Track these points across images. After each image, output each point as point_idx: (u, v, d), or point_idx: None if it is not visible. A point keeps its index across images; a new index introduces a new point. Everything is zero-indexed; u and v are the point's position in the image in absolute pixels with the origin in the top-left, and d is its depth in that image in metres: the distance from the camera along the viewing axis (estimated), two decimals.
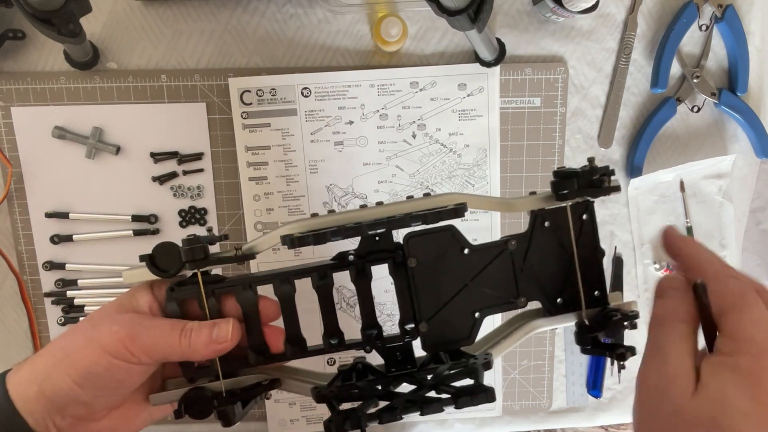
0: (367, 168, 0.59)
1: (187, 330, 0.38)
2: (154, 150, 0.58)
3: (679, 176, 0.61)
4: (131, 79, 0.57)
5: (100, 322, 0.38)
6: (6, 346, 0.61)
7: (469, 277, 0.40)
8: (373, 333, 0.40)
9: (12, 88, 0.57)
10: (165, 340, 0.37)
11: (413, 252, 0.39)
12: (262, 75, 0.57)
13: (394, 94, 0.58)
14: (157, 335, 0.37)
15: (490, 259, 0.40)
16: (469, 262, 0.40)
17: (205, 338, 0.38)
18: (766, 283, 0.33)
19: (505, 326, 0.43)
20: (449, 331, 0.40)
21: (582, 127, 0.60)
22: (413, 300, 0.39)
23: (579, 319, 0.41)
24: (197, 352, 0.38)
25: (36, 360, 0.37)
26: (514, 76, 0.59)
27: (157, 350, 0.37)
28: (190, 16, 0.57)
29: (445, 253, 0.39)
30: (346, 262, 0.40)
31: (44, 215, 0.59)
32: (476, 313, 0.40)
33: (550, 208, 0.40)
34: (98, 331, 0.37)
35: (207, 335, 0.38)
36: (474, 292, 0.40)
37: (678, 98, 0.59)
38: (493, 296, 0.40)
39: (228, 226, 0.60)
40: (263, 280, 0.40)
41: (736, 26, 0.58)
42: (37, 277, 0.60)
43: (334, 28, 0.58)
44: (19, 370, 0.37)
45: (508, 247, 0.40)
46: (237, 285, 0.40)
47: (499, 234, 0.61)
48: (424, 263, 0.39)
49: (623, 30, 0.59)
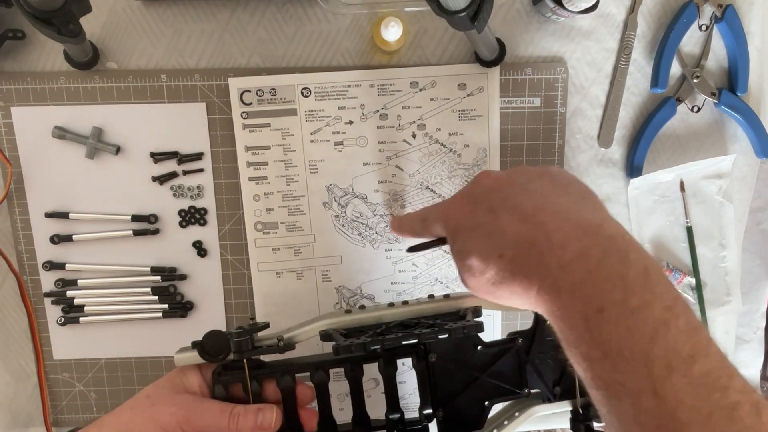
0: (367, 168, 0.59)
1: (234, 414, 0.42)
2: (154, 150, 0.58)
3: (679, 176, 0.61)
4: (131, 79, 0.57)
5: (158, 401, 0.42)
6: (6, 346, 0.61)
7: (481, 371, 0.46)
8: (396, 417, 0.45)
9: (12, 88, 0.57)
10: (216, 422, 0.42)
11: (434, 348, 0.45)
12: (262, 75, 0.57)
13: (394, 94, 0.58)
14: (209, 418, 0.42)
15: (500, 355, 0.46)
16: (481, 357, 0.46)
17: (251, 423, 0.42)
18: (765, 284, 0.34)
19: (508, 408, 0.49)
20: (462, 417, 0.46)
21: (582, 127, 0.60)
22: (432, 389, 0.45)
23: (574, 407, 0.47)
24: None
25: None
26: (514, 76, 0.59)
27: (210, 427, 0.41)
28: (190, 16, 0.57)
29: (461, 349, 0.45)
30: (376, 354, 0.45)
31: (44, 215, 0.59)
32: (486, 402, 0.46)
33: None
34: (157, 411, 0.41)
35: (252, 421, 0.42)
36: (485, 384, 0.46)
37: (678, 98, 0.59)
38: (501, 387, 0.46)
39: (228, 226, 0.60)
40: (301, 368, 0.46)
41: (736, 26, 0.58)
42: (37, 277, 0.60)
43: (334, 28, 0.58)
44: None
45: (515, 345, 0.46)
46: (277, 371, 0.45)
47: None
48: (443, 358, 0.45)
49: (623, 30, 0.59)
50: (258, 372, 0.45)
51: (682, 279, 0.62)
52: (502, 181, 0.39)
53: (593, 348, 0.31)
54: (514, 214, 0.36)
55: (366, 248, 0.60)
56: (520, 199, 0.36)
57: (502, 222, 0.36)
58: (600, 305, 0.31)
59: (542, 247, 0.33)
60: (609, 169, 0.61)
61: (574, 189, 0.38)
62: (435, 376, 0.45)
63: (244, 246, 0.60)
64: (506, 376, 0.46)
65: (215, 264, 0.60)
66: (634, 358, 0.29)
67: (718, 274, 0.62)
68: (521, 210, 0.35)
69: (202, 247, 0.60)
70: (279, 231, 0.60)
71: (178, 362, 0.44)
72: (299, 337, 0.46)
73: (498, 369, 0.46)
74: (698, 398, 0.27)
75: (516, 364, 0.46)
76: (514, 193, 0.37)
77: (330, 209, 0.60)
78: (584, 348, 0.31)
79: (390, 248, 0.60)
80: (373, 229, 0.60)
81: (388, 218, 0.60)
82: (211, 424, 0.41)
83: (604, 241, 0.33)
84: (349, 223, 0.60)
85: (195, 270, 0.60)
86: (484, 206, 0.37)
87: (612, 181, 0.61)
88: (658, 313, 0.30)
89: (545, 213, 0.35)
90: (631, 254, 0.32)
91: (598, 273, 0.31)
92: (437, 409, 0.45)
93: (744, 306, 0.63)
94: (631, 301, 0.30)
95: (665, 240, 0.62)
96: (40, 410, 0.62)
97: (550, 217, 0.34)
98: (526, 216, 0.35)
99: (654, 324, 0.29)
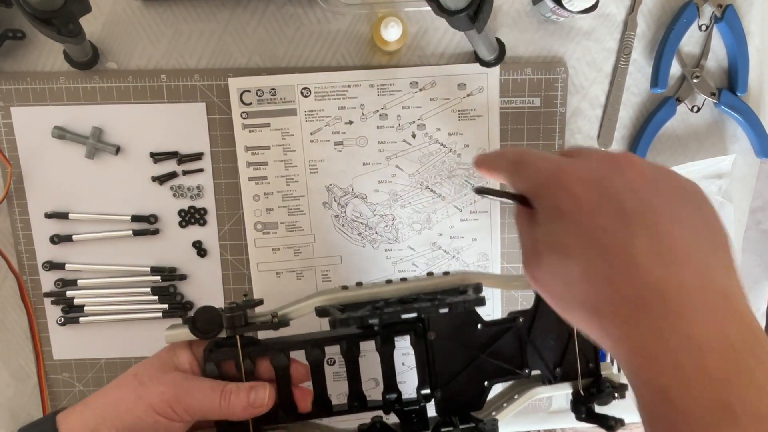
0: (367, 168, 0.59)
1: (226, 392, 0.40)
2: (154, 150, 0.58)
3: None
4: (131, 79, 0.57)
5: (147, 380, 0.40)
6: (6, 346, 0.61)
7: (481, 350, 0.45)
8: (393, 397, 0.44)
9: (12, 88, 0.57)
10: (206, 401, 0.40)
11: (433, 327, 0.43)
12: (262, 75, 0.57)
13: (393, 94, 0.58)
14: (200, 397, 0.40)
15: (500, 334, 0.45)
16: (481, 336, 0.45)
17: (243, 402, 0.40)
18: (765, 284, 0.33)
19: (508, 390, 0.48)
20: (461, 398, 0.44)
21: (582, 127, 0.60)
22: (430, 369, 0.44)
23: (575, 388, 0.46)
24: (235, 414, 0.40)
25: (85, 411, 0.40)
26: (514, 76, 0.59)
27: (199, 410, 0.40)
28: (190, 16, 0.57)
29: (461, 328, 0.44)
30: (373, 332, 0.43)
31: (44, 215, 0.59)
32: (485, 382, 0.45)
33: None
34: (146, 389, 0.40)
35: (245, 399, 0.41)
36: (484, 363, 0.45)
37: (678, 98, 0.59)
38: (501, 367, 0.45)
39: (228, 226, 0.60)
40: (296, 345, 0.44)
41: (736, 26, 0.58)
42: (36, 277, 0.60)
43: (334, 28, 0.58)
44: (68, 416, 0.40)
45: (516, 324, 0.45)
46: (271, 349, 0.44)
47: (498, 233, 0.61)
48: (441, 336, 0.44)
49: (623, 30, 0.59)
50: (251, 349, 0.43)
51: None
52: (650, 185, 0.29)
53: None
54: (653, 245, 0.27)
55: (366, 248, 0.60)
56: (667, 227, 0.27)
57: (634, 245, 0.27)
58: (729, 406, 0.24)
59: (672, 307, 0.26)
60: None
61: (716, 233, 0.29)
62: (434, 355, 0.44)
63: (244, 246, 0.60)
64: (506, 356, 0.45)
65: (215, 264, 0.60)
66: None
67: None
68: (666, 246, 0.27)
69: (202, 247, 0.60)
70: (279, 231, 0.60)
71: (168, 339, 0.43)
72: (294, 313, 0.44)
73: (498, 348, 0.45)
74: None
75: (517, 344, 0.45)
76: (661, 214, 0.28)
77: (330, 209, 0.60)
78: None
79: (390, 248, 0.60)
80: (373, 229, 0.60)
81: (388, 218, 0.60)
82: (201, 403, 0.40)
83: (742, 324, 0.26)
84: (349, 223, 0.60)
85: (195, 270, 0.60)
86: (615, 205, 0.28)
87: None
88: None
89: (689, 266, 0.26)
90: (765, 344, 0.25)
91: (736, 367, 0.25)
92: (435, 389, 0.44)
93: None
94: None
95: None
96: (40, 410, 0.62)
97: (692, 277, 0.26)
98: (667, 258, 0.26)
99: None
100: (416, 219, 0.60)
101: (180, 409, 0.39)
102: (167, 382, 0.40)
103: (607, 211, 0.28)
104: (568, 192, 0.30)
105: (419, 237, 0.60)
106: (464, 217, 0.60)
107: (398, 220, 0.60)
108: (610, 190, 0.29)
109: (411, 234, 0.60)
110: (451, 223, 0.60)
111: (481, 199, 0.60)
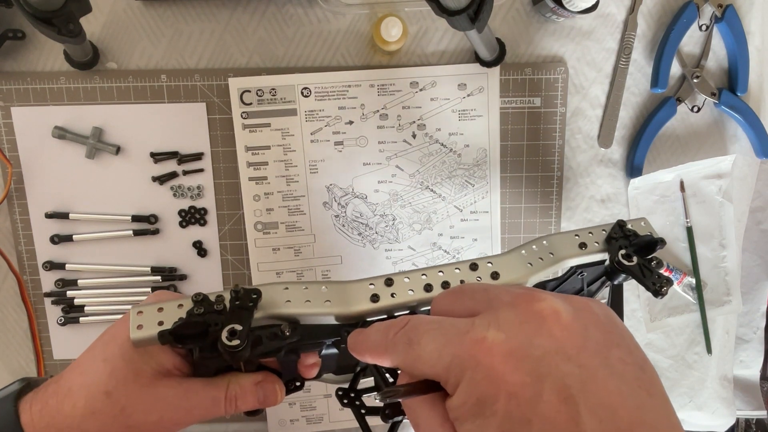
0: (367, 168, 0.59)
1: (231, 399, 0.35)
2: (154, 150, 0.58)
3: (679, 176, 0.61)
4: (131, 79, 0.57)
5: (127, 404, 0.33)
6: (6, 346, 0.61)
7: None
8: None
9: (12, 88, 0.57)
10: (209, 414, 0.35)
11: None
12: (262, 75, 0.57)
13: (394, 94, 0.58)
14: (201, 413, 0.34)
15: None
16: None
17: (253, 404, 0.36)
18: (765, 284, 0.33)
19: None
20: None
21: (582, 127, 0.60)
22: None
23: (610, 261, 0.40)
24: (242, 412, 0.36)
25: (46, 406, 0.35)
26: (514, 76, 0.59)
27: (200, 421, 0.35)
28: (190, 16, 0.57)
29: None
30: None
31: (44, 215, 0.59)
32: None
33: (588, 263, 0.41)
34: (131, 419, 0.33)
35: (253, 402, 0.36)
36: None
37: (678, 98, 0.59)
38: None
39: (228, 226, 0.60)
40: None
41: (736, 26, 0.58)
42: (37, 277, 0.60)
43: (334, 28, 0.58)
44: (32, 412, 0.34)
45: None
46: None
47: (499, 233, 0.61)
48: None
49: (623, 30, 0.59)
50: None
51: (682, 279, 0.62)
52: (579, 340, 0.24)
53: None
54: (603, 427, 0.22)
55: (366, 248, 0.60)
56: (612, 396, 0.22)
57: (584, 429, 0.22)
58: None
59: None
60: (609, 169, 0.61)
61: (644, 369, 0.25)
62: None
63: (244, 246, 0.60)
64: None
65: (215, 264, 0.60)
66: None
67: (718, 274, 0.62)
68: (616, 418, 0.22)
69: (202, 247, 0.60)
70: (279, 231, 0.60)
71: (137, 342, 0.33)
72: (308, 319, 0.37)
73: None
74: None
75: None
76: (603, 380, 0.23)
77: (330, 209, 0.60)
78: None
79: (390, 248, 0.60)
80: (373, 229, 0.60)
81: (388, 218, 0.60)
82: (203, 417, 0.34)
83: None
84: (349, 223, 0.60)
85: (195, 270, 0.60)
86: (555, 384, 0.22)
87: (612, 181, 0.61)
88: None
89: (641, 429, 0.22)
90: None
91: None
92: None
93: (744, 306, 0.63)
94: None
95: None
96: None
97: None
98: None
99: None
100: (416, 219, 0.60)
101: (181, 429, 0.35)
102: (157, 407, 0.33)
103: (549, 396, 0.22)
104: (492, 377, 0.23)
105: (419, 237, 0.60)
106: (464, 217, 0.60)
107: (398, 220, 0.60)
108: (544, 364, 0.23)
109: (411, 234, 0.60)
110: (452, 223, 0.60)
111: (481, 199, 0.60)
